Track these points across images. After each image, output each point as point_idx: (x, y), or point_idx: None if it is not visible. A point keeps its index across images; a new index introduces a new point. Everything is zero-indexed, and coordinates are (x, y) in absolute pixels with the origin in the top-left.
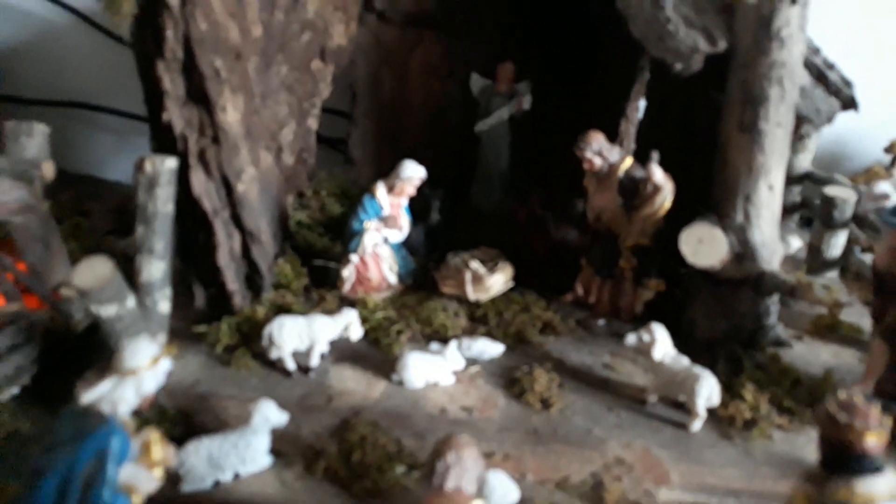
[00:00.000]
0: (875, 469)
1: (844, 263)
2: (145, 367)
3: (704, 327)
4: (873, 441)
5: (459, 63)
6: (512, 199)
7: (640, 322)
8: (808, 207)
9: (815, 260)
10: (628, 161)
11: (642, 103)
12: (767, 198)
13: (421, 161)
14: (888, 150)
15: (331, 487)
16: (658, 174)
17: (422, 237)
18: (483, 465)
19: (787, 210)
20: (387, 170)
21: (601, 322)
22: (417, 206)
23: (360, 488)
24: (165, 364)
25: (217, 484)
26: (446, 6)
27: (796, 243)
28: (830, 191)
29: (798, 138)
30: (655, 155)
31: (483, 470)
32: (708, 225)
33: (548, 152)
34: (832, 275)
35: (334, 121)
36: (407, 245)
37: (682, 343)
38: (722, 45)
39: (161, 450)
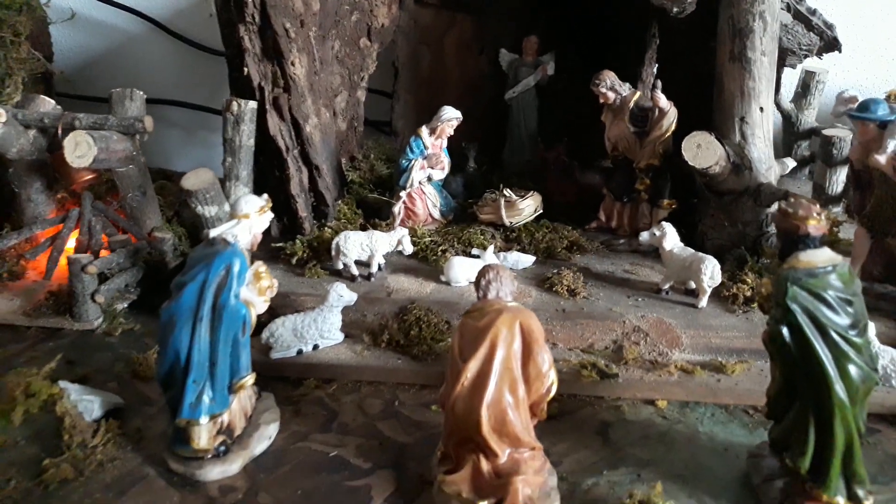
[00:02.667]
0: (815, 246)
1: (846, 197)
2: (256, 213)
3: (714, 237)
4: (814, 225)
5: (490, 40)
6: (541, 153)
7: None
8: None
9: (819, 197)
10: (637, 94)
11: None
12: (759, 118)
13: (460, 131)
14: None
15: (393, 354)
16: (662, 100)
17: (461, 185)
18: (515, 283)
19: (799, 163)
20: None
21: (622, 241)
22: (456, 158)
23: (417, 351)
24: (269, 215)
25: (300, 352)
26: None
27: (790, 163)
28: (829, 132)
29: (782, 66)
30: (659, 83)
31: (515, 286)
32: (704, 132)
33: (571, 114)
34: (837, 209)
35: (380, 102)
36: (448, 191)
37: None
38: None
39: (268, 279)
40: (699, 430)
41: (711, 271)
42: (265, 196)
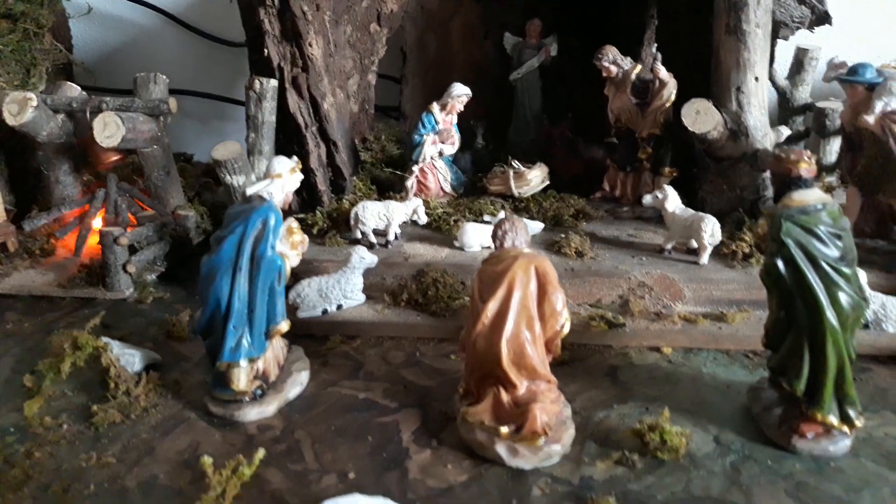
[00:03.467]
0: (807, 186)
1: (839, 166)
2: (288, 173)
3: (713, 202)
4: (805, 168)
5: (494, 25)
6: (546, 130)
7: None
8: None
9: (819, 168)
10: (638, 67)
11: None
12: (755, 87)
13: (467, 112)
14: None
15: (412, 311)
16: (662, 71)
17: (469, 161)
18: (529, 233)
19: (794, 138)
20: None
21: (626, 209)
22: (464, 136)
23: (435, 308)
24: (300, 176)
25: (325, 312)
26: None
27: (786, 131)
28: (822, 104)
29: (776, 38)
30: (659, 55)
31: (529, 235)
32: (703, 99)
33: (575, 93)
34: (831, 178)
35: (388, 88)
36: (457, 167)
37: None
38: None
39: (300, 234)
40: (703, 371)
41: (712, 229)
42: (295, 158)
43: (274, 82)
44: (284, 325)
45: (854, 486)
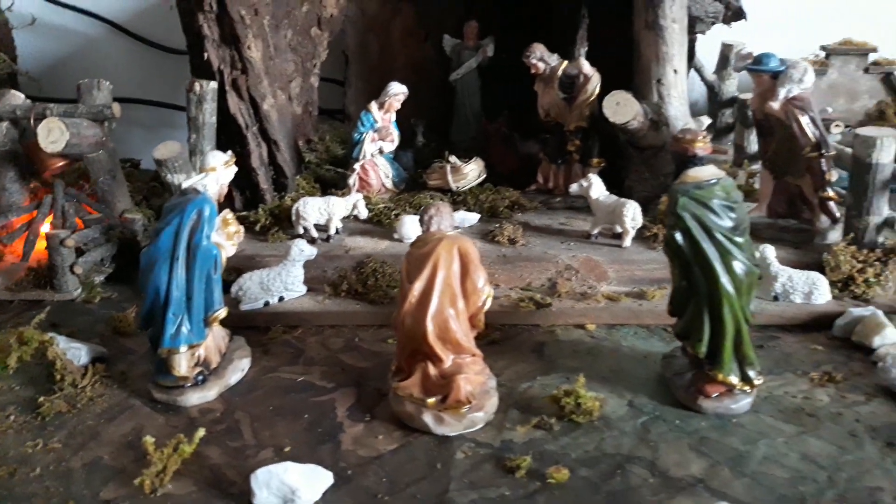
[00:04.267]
0: (702, 164)
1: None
2: (222, 166)
3: (639, 190)
4: (700, 146)
5: (433, 27)
6: (484, 126)
7: None
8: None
9: (739, 155)
10: (564, 63)
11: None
12: (674, 79)
13: (409, 111)
14: None
15: (352, 301)
16: (586, 66)
17: (411, 159)
18: (454, 217)
19: (722, 130)
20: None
21: (558, 199)
22: (405, 134)
23: (374, 297)
24: (234, 168)
25: (266, 304)
26: None
27: (706, 120)
28: (745, 96)
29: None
30: (582, 51)
31: (454, 220)
32: (622, 91)
33: (512, 91)
34: (756, 166)
35: (332, 91)
36: (399, 164)
37: None
38: None
39: (235, 225)
40: (623, 344)
41: (633, 213)
42: (230, 152)
43: (214, 85)
44: (222, 312)
45: (751, 439)
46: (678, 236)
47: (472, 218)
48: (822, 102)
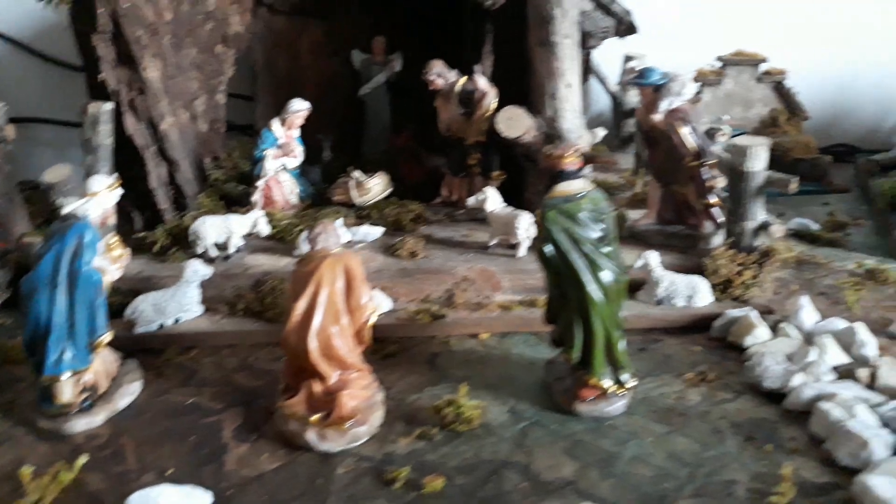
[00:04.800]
0: (571, 178)
1: None
2: (105, 190)
3: (537, 202)
4: (568, 162)
5: (341, 43)
6: (391, 140)
7: None
8: None
9: (638, 163)
10: (463, 79)
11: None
12: (567, 93)
13: (317, 126)
14: (695, 79)
15: (249, 319)
16: (482, 82)
17: (318, 174)
18: (341, 235)
19: (626, 140)
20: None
21: (461, 212)
22: (313, 150)
23: (271, 315)
24: (119, 192)
25: (161, 326)
26: None
27: (601, 132)
28: None
29: (586, 49)
30: (478, 68)
31: (341, 237)
32: (514, 106)
33: (422, 105)
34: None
35: (242, 106)
36: (307, 180)
37: None
38: None
39: (120, 248)
40: (512, 352)
41: (526, 225)
42: (115, 175)
43: (108, 106)
44: (107, 337)
45: (622, 439)
46: (547, 248)
47: (376, 232)
48: (719, 111)
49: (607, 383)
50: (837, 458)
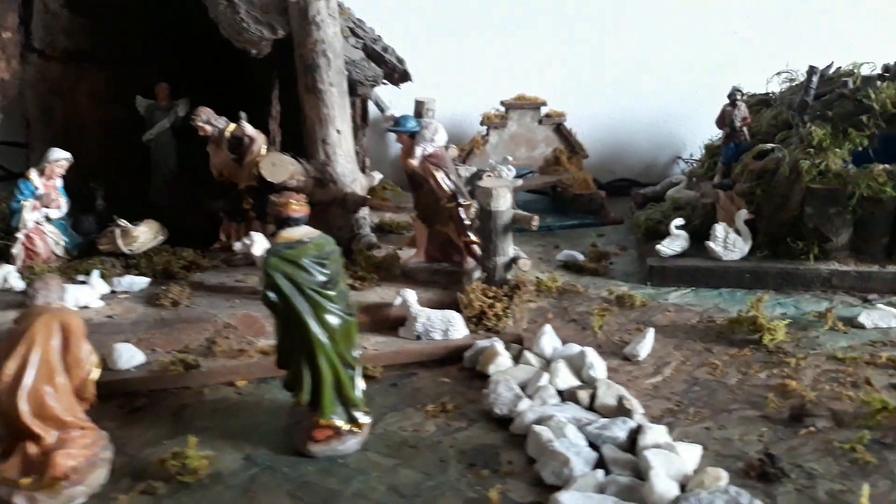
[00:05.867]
0: (296, 224)
1: None
2: None
3: None
4: (293, 209)
5: (124, 89)
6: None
7: None
8: None
9: None
10: (232, 126)
11: None
12: (338, 139)
13: (103, 174)
14: (482, 122)
15: None
16: (248, 128)
17: (93, 223)
18: (64, 290)
19: None
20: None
21: (238, 256)
22: (87, 198)
23: None
24: None
25: None
26: (101, 43)
27: (378, 176)
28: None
29: (356, 97)
30: (244, 115)
31: (64, 292)
32: (277, 153)
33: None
34: None
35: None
36: (81, 230)
37: None
38: (281, 33)
39: None
40: (265, 398)
41: None
42: None
43: None
44: None
45: (349, 477)
46: (270, 294)
47: (142, 282)
48: (505, 151)
49: (340, 422)
50: (543, 476)
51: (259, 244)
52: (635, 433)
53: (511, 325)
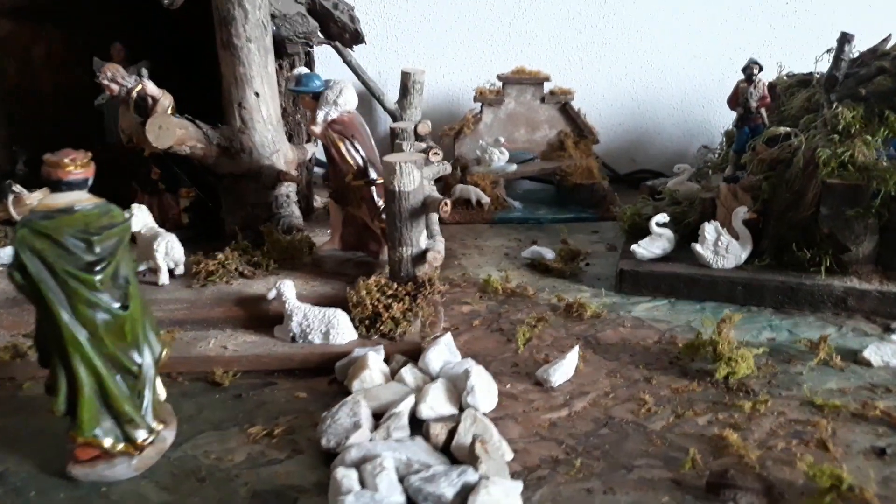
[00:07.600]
0: (67, 189)
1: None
2: None
3: (231, 221)
4: (68, 170)
5: (83, 51)
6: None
7: (188, 229)
8: None
9: None
10: (139, 86)
11: None
12: (256, 103)
13: (60, 139)
14: (475, 98)
15: None
16: (150, 87)
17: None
18: None
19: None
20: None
21: None
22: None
23: None
24: None
25: None
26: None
27: (312, 148)
28: (393, 125)
29: (293, 55)
30: (145, 71)
31: None
32: (166, 115)
33: None
34: None
35: None
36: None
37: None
38: None
39: None
40: None
41: (165, 248)
42: None
43: None
44: None
45: None
46: (15, 275)
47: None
48: (502, 132)
49: (108, 441)
50: None
51: (139, 218)
52: (469, 491)
53: (411, 332)
